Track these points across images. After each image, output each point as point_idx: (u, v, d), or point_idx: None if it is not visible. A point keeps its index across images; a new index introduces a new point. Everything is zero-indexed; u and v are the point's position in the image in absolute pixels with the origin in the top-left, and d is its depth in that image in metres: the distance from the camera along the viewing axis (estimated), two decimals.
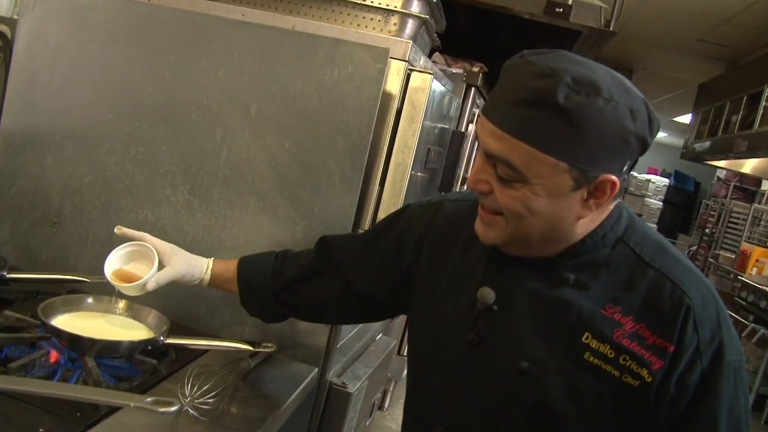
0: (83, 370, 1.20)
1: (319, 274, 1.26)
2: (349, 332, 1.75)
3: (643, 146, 0.92)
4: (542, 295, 1.00)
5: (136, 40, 1.60)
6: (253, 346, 1.35)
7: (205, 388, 1.13)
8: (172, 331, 1.35)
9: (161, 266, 1.24)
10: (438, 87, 1.69)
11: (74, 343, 1.22)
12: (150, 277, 1.21)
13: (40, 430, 1.00)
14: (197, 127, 1.57)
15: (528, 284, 1.01)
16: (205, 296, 1.56)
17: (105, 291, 1.39)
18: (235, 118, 1.54)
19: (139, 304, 1.40)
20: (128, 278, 1.24)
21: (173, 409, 0.74)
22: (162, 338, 1.29)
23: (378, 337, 2.01)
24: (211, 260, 1.33)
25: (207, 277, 1.30)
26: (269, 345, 1.39)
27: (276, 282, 1.28)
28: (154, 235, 1.31)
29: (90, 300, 1.35)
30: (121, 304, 1.40)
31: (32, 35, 1.66)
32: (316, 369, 1.49)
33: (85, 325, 1.31)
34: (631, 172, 1.08)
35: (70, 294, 1.38)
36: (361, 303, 1.25)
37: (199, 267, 1.30)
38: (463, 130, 2.45)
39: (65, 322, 1.30)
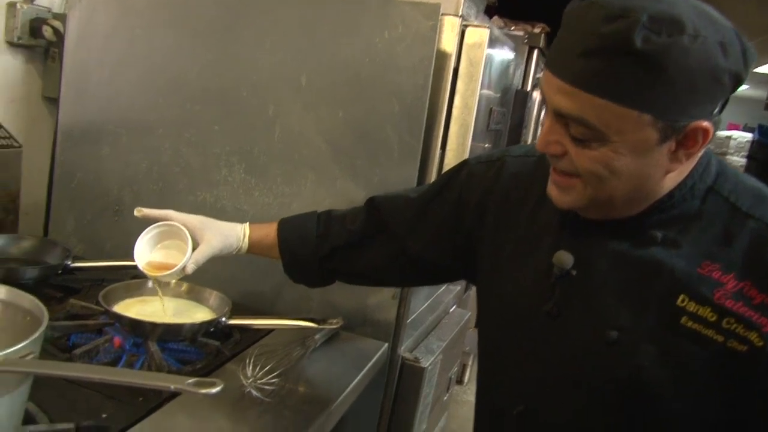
0: (147, 354, 1.17)
1: (370, 239, 1.17)
2: (420, 306, 1.67)
3: (737, 82, 0.79)
4: (627, 256, 0.89)
5: (180, 21, 1.56)
6: (319, 324, 1.29)
7: (268, 367, 1.08)
8: (237, 312, 1.31)
9: (195, 243, 1.16)
10: (497, 43, 1.58)
11: (136, 328, 1.19)
12: (187, 260, 1.13)
13: (103, 415, 0.97)
14: (248, 105, 1.51)
15: (610, 245, 0.90)
16: (269, 275, 1.50)
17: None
18: (286, 91, 1.48)
19: (200, 286, 1.36)
20: (163, 266, 1.17)
21: (215, 390, 0.68)
22: (224, 319, 1.25)
23: (452, 309, 1.92)
24: (246, 226, 1.23)
25: (245, 245, 1.21)
26: (335, 321, 1.32)
27: (321, 248, 1.19)
28: (213, 218, 1.25)
29: (151, 284, 1.32)
30: (183, 287, 1.36)
31: (81, 27, 1.64)
32: (386, 344, 1.42)
33: (148, 309, 1.28)
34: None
35: (133, 279, 1.35)
36: (416, 267, 1.15)
37: (236, 236, 1.21)
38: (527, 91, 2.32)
39: (127, 307, 1.27)
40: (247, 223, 1.24)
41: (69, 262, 1.43)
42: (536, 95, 2.37)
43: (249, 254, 1.24)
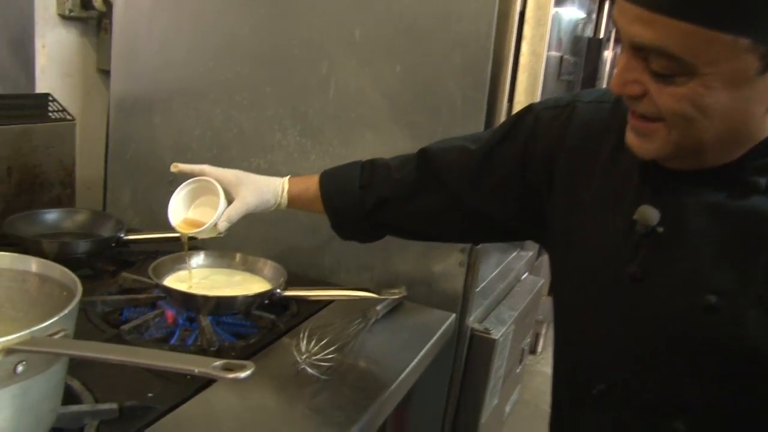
0: (199, 329, 1.09)
1: (421, 192, 1.04)
2: (489, 273, 1.55)
3: None
4: (724, 209, 0.74)
5: None
6: (380, 294, 1.18)
7: (324, 342, 0.98)
8: (294, 283, 1.22)
9: (230, 199, 1.08)
10: None
11: (187, 301, 1.12)
12: (218, 216, 1.04)
13: (149, 394, 0.90)
14: (300, 63, 1.41)
15: (702, 197, 0.75)
16: (326, 242, 1.43)
17: (224, 246, 1.29)
18: (339, 46, 1.37)
19: (254, 257, 1.29)
20: (197, 224, 1.09)
21: (244, 375, 0.59)
22: (279, 291, 1.16)
23: (523, 276, 1.79)
24: (286, 180, 1.13)
25: (284, 200, 1.11)
26: (397, 291, 1.22)
27: (366, 200, 1.07)
28: None
29: (203, 256, 1.24)
30: (237, 258, 1.29)
31: None
32: (454, 315, 1.31)
33: (200, 282, 1.21)
34: None
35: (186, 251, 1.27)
36: (473, 222, 1.03)
37: (273, 191, 1.11)
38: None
39: (178, 280, 1.20)
40: (288, 177, 1.14)
41: (122, 235, 1.38)
42: (609, 57, 2.18)
43: (305, 217, 1.15)
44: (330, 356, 0.97)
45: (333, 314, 1.20)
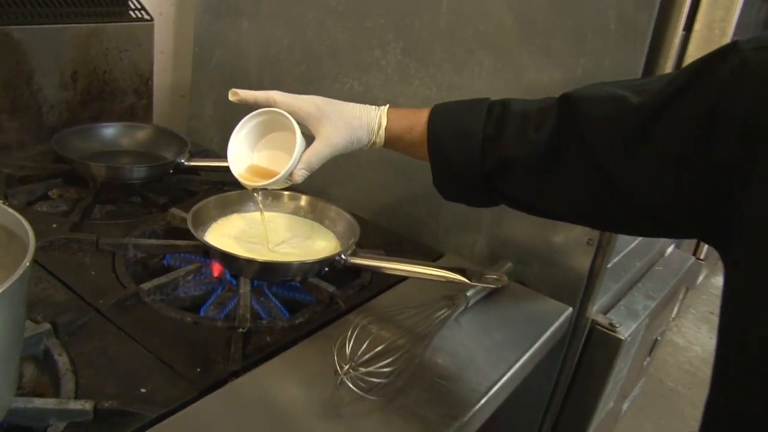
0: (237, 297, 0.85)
1: (559, 159, 0.70)
2: (624, 247, 1.20)
3: None
4: None
5: None
6: (471, 279, 0.85)
7: (379, 348, 0.70)
8: (376, 237, 0.97)
9: (309, 138, 0.80)
10: None
11: (228, 262, 0.88)
12: (294, 163, 0.77)
13: (141, 389, 0.67)
14: None
15: None
16: (420, 191, 1.13)
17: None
18: None
19: (326, 203, 1.02)
20: (266, 173, 0.82)
21: None
22: (343, 257, 0.89)
23: (669, 250, 1.40)
24: (384, 112, 0.81)
25: (380, 140, 0.82)
26: (496, 277, 0.89)
27: (488, 158, 0.75)
28: None
29: (260, 198, 0.99)
30: (302, 201, 1.03)
31: None
32: (570, 309, 0.98)
33: (251, 232, 0.96)
34: None
35: (231, 192, 1.02)
36: (623, 206, 0.67)
37: (367, 126, 0.81)
38: None
39: (230, 226, 0.96)
40: (386, 107, 0.83)
41: (183, 160, 1.14)
42: None
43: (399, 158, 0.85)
44: (384, 370, 0.68)
45: (411, 292, 0.92)
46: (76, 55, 1.19)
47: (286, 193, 1.03)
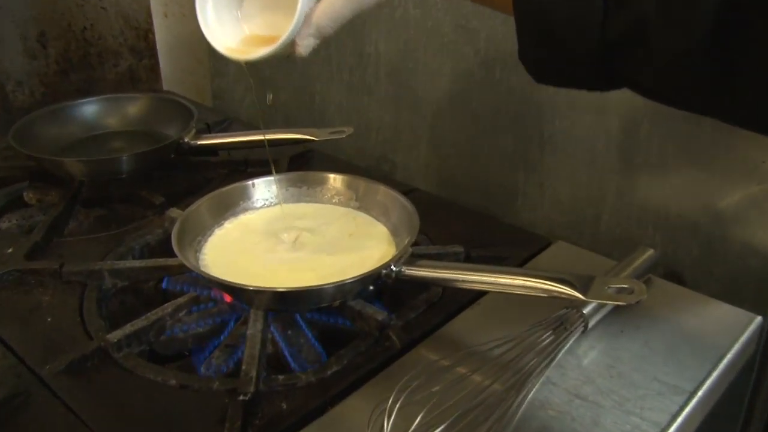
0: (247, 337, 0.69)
1: (738, 20, 0.47)
2: None
3: None
4: None
5: None
6: (585, 293, 0.62)
7: (442, 408, 0.51)
8: (452, 226, 0.82)
9: None
10: None
11: (230, 292, 0.73)
12: (297, 24, 0.60)
13: None
14: None
15: None
16: (513, 150, 0.92)
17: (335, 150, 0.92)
18: None
19: (369, 182, 0.84)
20: (260, 40, 0.66)
21: None
22: (393, 268, 0.70)
23: None
24: None
25: None
26: (627, 286, 0.64)
27: (614, 19, 0.52)
28: None
29: (285, 181, 0.84)
30: (337, 183, 0.86)
31: None
32: (760, 318, 0.74)
33: (266, 238, 0.80)
34: None
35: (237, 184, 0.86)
36: None
37: None
38: None
39: (231, 237, 0.81)
40: None
41: (187, 139, 0.99)
42: None
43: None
44: None
45: (498, 312, 0.72)
46: (40, 10, 1.05)
47: (311, 175, 0.86)
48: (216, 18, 0.66)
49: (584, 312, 0.67)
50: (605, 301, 0.65)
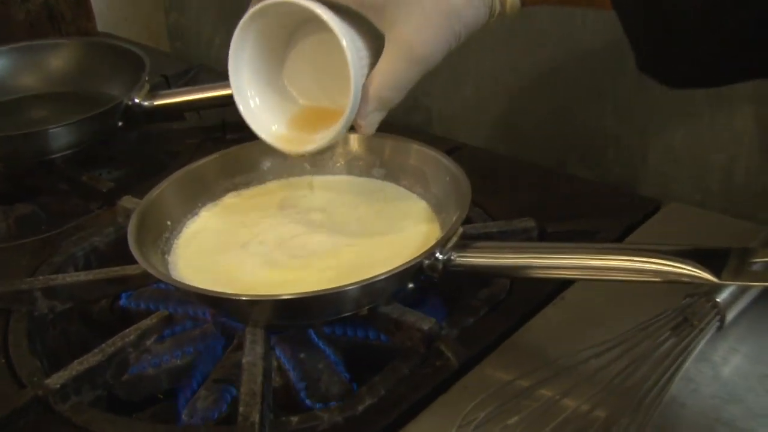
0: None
1: None
2: None
3: None
4: None
5: None
6: (723, 273, 0.66)
7: None
8: (519, 192, 0.92)
9: (375, 45, 0.73)
10: None
11: (215, 305, 0.79)
12: (355, 105, 0.71)
13: None
14: None
15: None
16: (600, 86, 0.98)
17: None
18: None
19: (397, 140, 0.91)
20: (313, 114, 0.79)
21: None
22: (440, 257, 0.74)
23: None
24: None
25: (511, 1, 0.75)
26: None
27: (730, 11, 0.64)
28: None
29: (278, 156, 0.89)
30: (354, 143, 0.93)
31: None
32: None
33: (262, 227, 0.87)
34: None
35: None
36: None
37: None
38: None
39: (216, 224, 0.87)
40: None
41: (139, 99, 1.04)
42: None
43: None
44: None
45: (593, 304, 0.78)
46: None
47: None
48: (257, 91, 0.76)
49: (718, 300, 0.72)
50: (748, 284, 0.70)
